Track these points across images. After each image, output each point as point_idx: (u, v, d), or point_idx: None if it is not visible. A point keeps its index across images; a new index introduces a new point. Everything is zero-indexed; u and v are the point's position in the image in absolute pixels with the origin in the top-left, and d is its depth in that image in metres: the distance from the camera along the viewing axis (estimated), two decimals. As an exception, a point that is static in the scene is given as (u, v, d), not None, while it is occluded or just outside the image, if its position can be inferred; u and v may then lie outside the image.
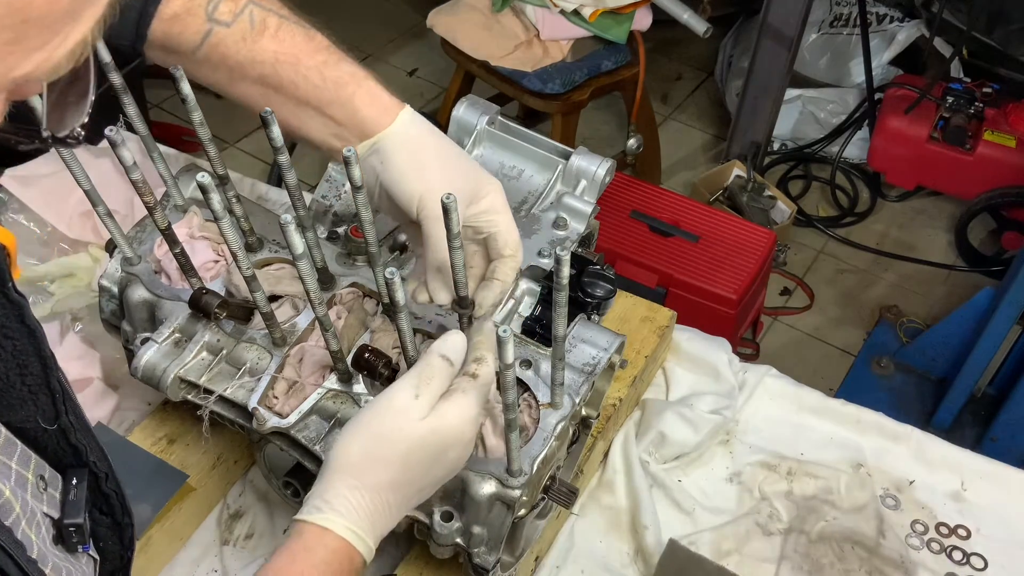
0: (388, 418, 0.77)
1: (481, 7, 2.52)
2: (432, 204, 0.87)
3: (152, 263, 1.05)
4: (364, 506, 0.75)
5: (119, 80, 0.93)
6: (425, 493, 0.81)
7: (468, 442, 0.81)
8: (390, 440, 0.77)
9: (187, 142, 2.80)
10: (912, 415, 2.41)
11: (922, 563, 1.13)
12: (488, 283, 0.93)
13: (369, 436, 0.77)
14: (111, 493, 0.71)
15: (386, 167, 0.89)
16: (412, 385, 0.78)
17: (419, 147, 0.90)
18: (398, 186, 0.88)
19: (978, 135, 2.84)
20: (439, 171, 0.89)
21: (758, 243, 2.36)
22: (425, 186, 0.87)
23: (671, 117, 3.45)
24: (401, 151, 0.89)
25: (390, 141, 0.89)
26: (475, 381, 0.81)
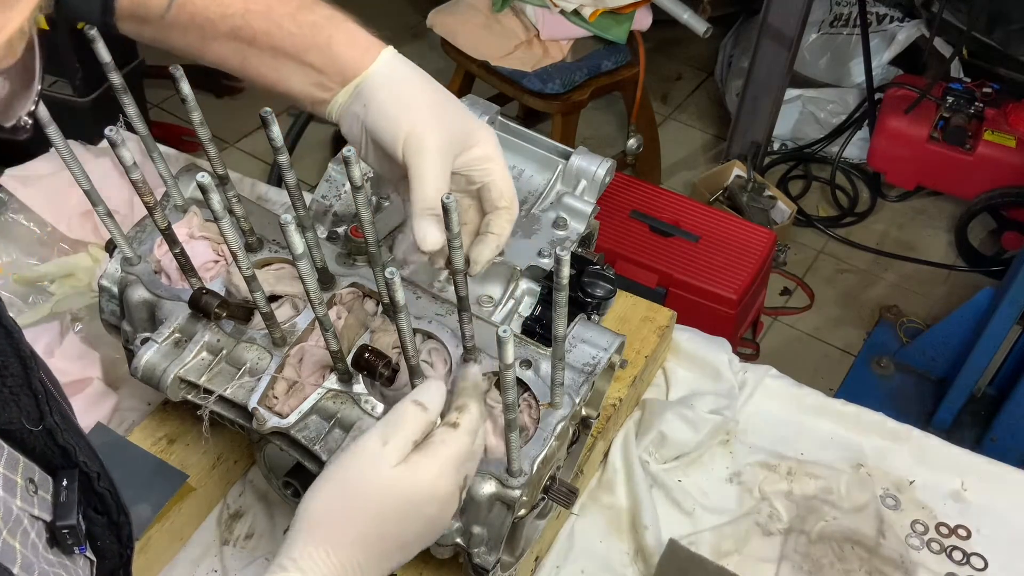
0: (354, 468, 0.72)
1: (481, 7, 2.52)
2: (418, 140, 0.81)
3: (152, 263, 1.05)
4: (332, 565, 0.69)
5: (119, 80, 0.93)
6: (407, 551, 0.76)
7: (445, 498, 0.75)
8: (356, 492, 0.72)
9: (187, 142, 2.80)
10: (912, 415, 2.41)
11: (922, 563, 1.13)
12: (483, 238, 0.87)
13: (335, 488, 0.72)
14: (104, 492, 0.69)
15: (369, 109, 0.84)
16: (379, 433, 0.73)
17: (404, 86, 0.85)
18: (382, 127, 0.83)
19: (978, 135, 2.84)
20: (427, 110, 0.83)
21: (758, 243, 2.37)
22: (411, 125, 0.82)
23: (671, 117, 3.45)
24: (384, 91, 0.84)
25: (372, 81, 0.84)
26: (455, 432, 0.75)
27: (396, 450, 0.72)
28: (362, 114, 0.85)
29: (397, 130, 0.82)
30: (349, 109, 0.86)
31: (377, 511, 0.72)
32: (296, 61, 0.86)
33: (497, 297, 1.06)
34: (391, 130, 0.83)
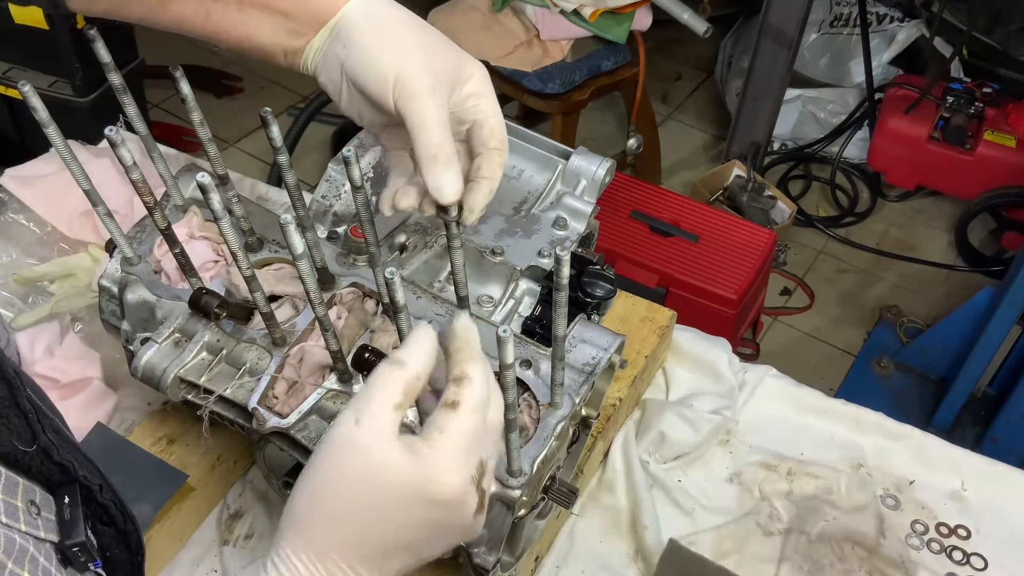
0: (330, 458, 0.62)
1: (481, 7, 2.52)
2: (410, 83, 0.74)
3: (152, 263, 1.05)
4: (312, 569, 0.61)
5: (119, 80, 0.93)
6: (417, 553, 0.65)
7: (453, 497, 0.62)
8: (333, 486, 0.61)
9: (187, 142, 2.80)
10: (912, 415, 2.41)
11: (922, 563, 1.13)
12: (474, 183, 0.79)
13: (312, 484, 0.62)
14: (108, 503, 0.66)
15: (350, 52, 0.76)
16: (351, 410, 0.62)
17: (387, 21, 0.77)
18: (367, 71, 0.75)
19: (978, 135, 2.84)
20: (415, 48, 0.76)
21: (758, 243, 2.37)
22: (400, 67, 0.74)
23: (671, 117, 3.45)
24: (365, 30, 0.76)
25: (351, 20, 0.76)
26: (454, 413, 0.63)
27: (373, 428, 0.61)
28: (343, 56, 0.77)
29: (385, 73, 0.74)
30: (328, 53, 0.78)
31: (359, 508, 0.61)
32: (262, 9, 0.78)
33: (497, 297, 1.06)
34: (378, 73, 0.75)
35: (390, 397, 0.62)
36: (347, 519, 0.62)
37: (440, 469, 0.61)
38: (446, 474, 0.62)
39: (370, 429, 0.61)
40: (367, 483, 0.61)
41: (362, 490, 0.61)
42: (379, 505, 0.61)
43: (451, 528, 0.65)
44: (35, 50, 2.34)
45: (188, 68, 0.90)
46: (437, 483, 0.61)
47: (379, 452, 0.61)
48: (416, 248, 1.06)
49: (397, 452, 0.61)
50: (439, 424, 0.62)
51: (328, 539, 0.62)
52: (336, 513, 0.61)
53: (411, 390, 0.63)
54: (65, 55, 2.30)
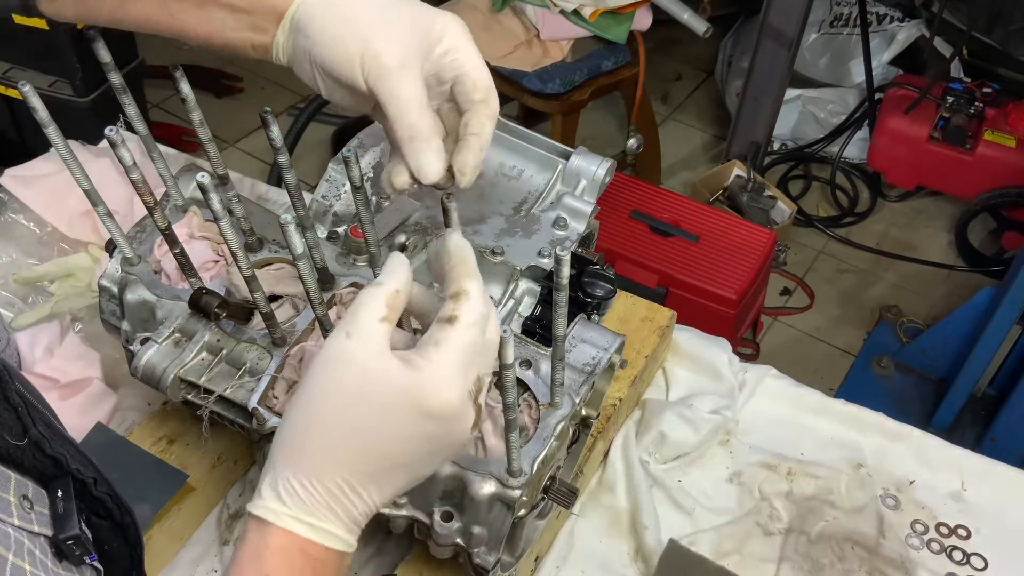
0: (321, 375, 0.62)
1: (481, 7, 2.52)
2: (375, 60, 0.71)
3: (152, 263, 1.05)
4: (315, 494, 0.62)
5: (119, 80, 0.93)
6: (412, 471, 0.66)
7: (450, 411, 0.62)
8: (327, 403, 0.62)
9: (187, 142, 2.80)
10: (912, 415, 2.41)
11: (922, 563, 1.13)
12: (463, 142, 0.76)
13: (305, 402, 0.63)
14: (104, 496, 0.66)
15: (313, 41, 0.73)
16: (340, 328, 0.62)
17: (344, 5, 0.74)
18: (331, 56, 0.73)
19: (978, 135, 2.84)
20: (376, 19, 0.72)
21: (758, 243, 2.37)
22: (363, 43, 0.72)
23: (671, 117, 3.45)
24: (322, 15, 0.73)
25: (308, 8, 0.74)
26: (452, 328, 0.62)
27: (363, 340, 0.61)
28: (307, 46, 0.75)
29: (350, 57, 0.72)
30: (295, 46, 0.76)
31: (356, 422, 0.61)
32: (222, 6, 0.76)
33: (497, 297, 1.06)
34: (343, 58, 0.72)
35: (375, 311, 0.62)
36: (344, 434, 0.61)
37: (438, 382, 0.61)
38: (443, 388, 0.61)
39: (360, 340, 0.61)
40: (363, 395, 0.61)
41: (359, 403, 0.61)
42: (376, 418, 0.61)
43: (447, 443, 0.65)
44: (35, 50, 2.34)
45: (188, 68, 0.90)
46: (435, 396, 0.61)
47: (373, 363, 0.61)
48: (416, 248, 1.06)
49: (392, 364, 0.61)
50: (436, 338, 0.62)
51: (326, 457, 0.61)
52: (333, 428, 0.61)
53: (393, 304, 0.63)
54: (65, 55, 2.30)
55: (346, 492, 0.62)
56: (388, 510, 0.93)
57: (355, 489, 0.62)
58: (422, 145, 0.72)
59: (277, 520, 0.62)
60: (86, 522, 0.65)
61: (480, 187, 1.14)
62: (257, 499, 0.63)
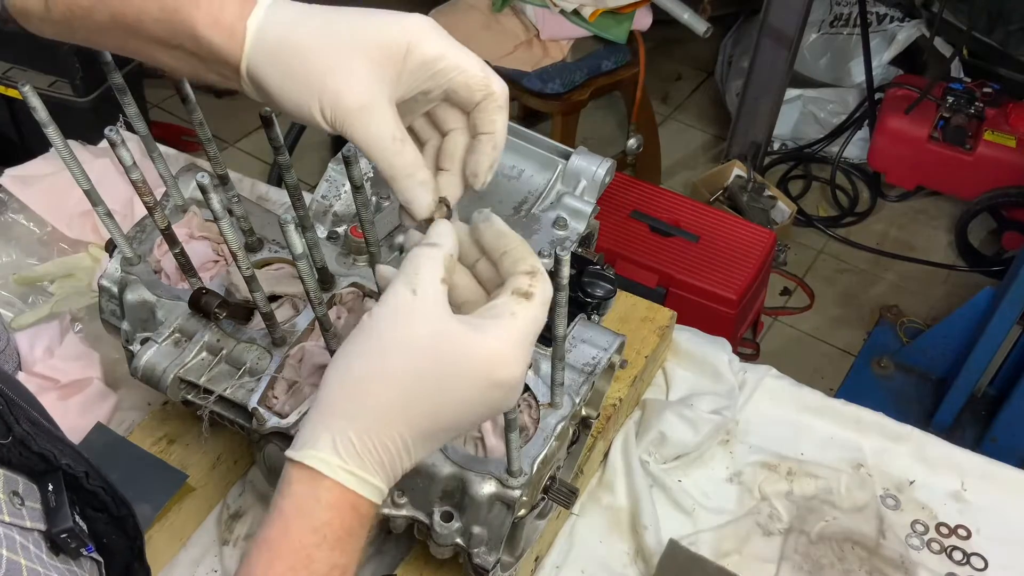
0: (387, 328, 0.61)
1: (481, 7, 2.52)
2: (336, 104, 0.65)
3: (152, 263, 1.05)
4: (369, 445, 0.61)
5: (119, 80, 0.93)
6: (454, 432, 0.66)
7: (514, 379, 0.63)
8: (393, 352, 0.61)
9: (187, 142, 2.80)
10: (912, 415, 2.41)
11: (922, 563, 1.13)
12: (475, 143, 0.71)
13: (365, 352, 0.62)
14: (97, 489, 0.66)
15: (270, 94, 0.68)
16: (401, 282, 0.62)
17: (291, 49, 0.66)
18: (291, 108, 0.67)
19: (978, 135, 2.84)
20: (329, 57, 0.66)
21: (758, 243, 2.36)
22: (319, 87, 0.65)
23: (671, 117, 3.45)
24: (270, 69, 0.66)
25: (255, 64, 0.67)
26: (530, 303, 0.63)
27: (432, 299, 0.61)
28: (266, 100, 0.69)
29: (307, 102, 0.66)
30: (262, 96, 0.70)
31: (425, 382, 0.61)
32: (175, 49, 0.69)
33: (497, 297, 1.06)
34: (302, 107, 0.66)
35: (435, 271, 0.62)
36: (412, 392, 0.61)
37: (513, 355, 0.62)
38: (514, 359, 0.62)
39: (429, 299, 0.61)
40: (436, 356, 0.61)
41: (430, 363, 0.61)
42: (446, 380, 0.61)
43: (500, 407, 0.66)
44: (35, 50, 2.34)
45: (188, 68, 0.89)
46: (509, 367, 0.62)
47: (444, 325, 0.61)
48: (416, 248, 1.05)
49: (465, 329, 0.61)
50: (513, 309, 0.63)
51: (388, 413, 0.61)
52: (400, 385, 0.61)
53: (450, 266, 0.64)
54: (65, 55, 2.30)
55: (400, 449, 0.62)
56: (388, 510, 0.93)
57: (408, 447, 0.62)
58: (404, 183, 0.68)
59: (332, 473, 0.61)
60: (81, 515, 0.65)
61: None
62: (307, 448, 0.62)
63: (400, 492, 0.92)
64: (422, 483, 0.90)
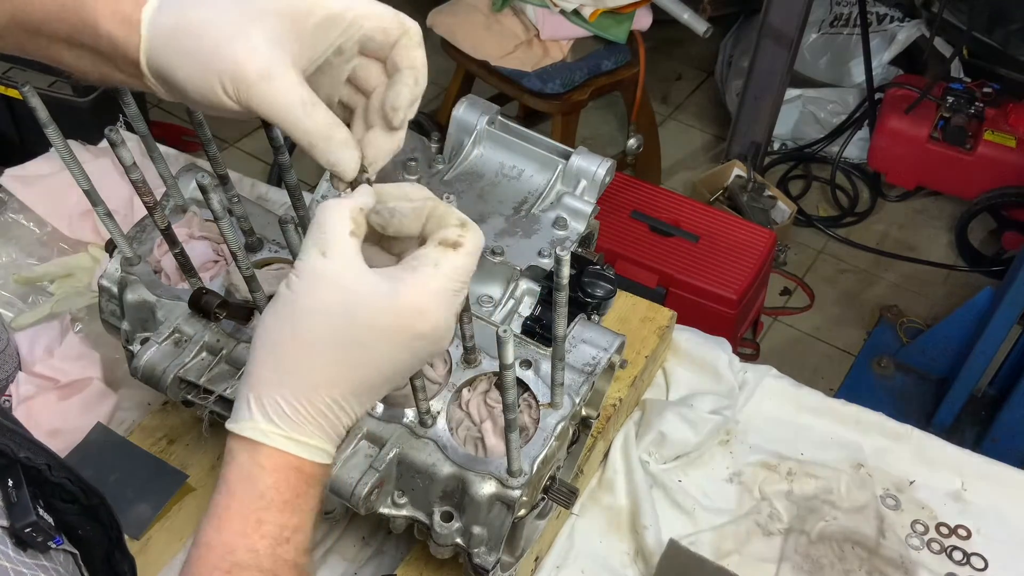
0: (304, 294, 0.61)
1: (481, 7, 2.52)
2: (237, 74, 0.61)
3: (152, 263, 1.05)
4: (300, 409, 0.62)
5: (119, 80, 0.93)
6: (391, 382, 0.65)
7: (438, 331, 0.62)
8: (311, 319, 0.61)
9: (187, 142, 2.80)
10: (912, 415, 2.41)
11: (922, 563, 1.13)
12: (396, 77, 0.66)
13: (284, 317, 0.62)
14: (63, 480, 0.65)
15: (174, 83, 0.64)
16: (309, 245, 0.61)
17: (186, 29, 0.62)
18: (196, 93, 0.63)
19: (978, 135, 2.84)
20: (224, 27, 0.62)
21: (758, 243, 2.36)
22: (216, 60, 0.61)
23: (671, 117, 3.45)
24: (169, 53, 0.63)
25: (154, 55, 0.63)
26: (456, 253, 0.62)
27: (342, 257, 0.60)
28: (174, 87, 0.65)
29: (207, 80, 0.62)
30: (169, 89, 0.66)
31: (345, 343, 0.61)
32: (79, 47, 0.66)
33: (497, 297, 1.06)
34: (203, 86, 0.62)
35: (342, 225, 0.61)
36: (333, 354, 0.61)
37: (429, 304, 0.61)
38: (434, 309, 0.61)
39: (339, 259, 0.60)
40: (351, 315, 0.60)
41: (347, 323, 0.60)
42: (366, 338, 0.61)
43: (430, 355, 0.65)
44: (35, 50, 2.34)
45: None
46: (430, 318, 0.61)
47: (357, 284, 0.60)
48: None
49: (379, 283, 0.61)
50: (435, 259, 0.62)
51: (313, 377, 0.61)
52: (321, 349, 0.61)
53: (358, 218, 0.62)
54: (65, 55, 2.30)
55: (334, 409, 0.63)
56: (388, 510, 0.93)
57: (342, 406, 0.63)
58: (323, 146, 0.64)
59: (268, 440, 0.61)
60: (48, 508, 0.64)
61: (480, 187, 1.14)
62: (242, 420, 0.63)
63: (400, 492, 0.92)
64: (422, 483, 0.91)
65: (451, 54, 2.60)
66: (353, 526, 1.13)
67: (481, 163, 1.16)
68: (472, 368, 0.94)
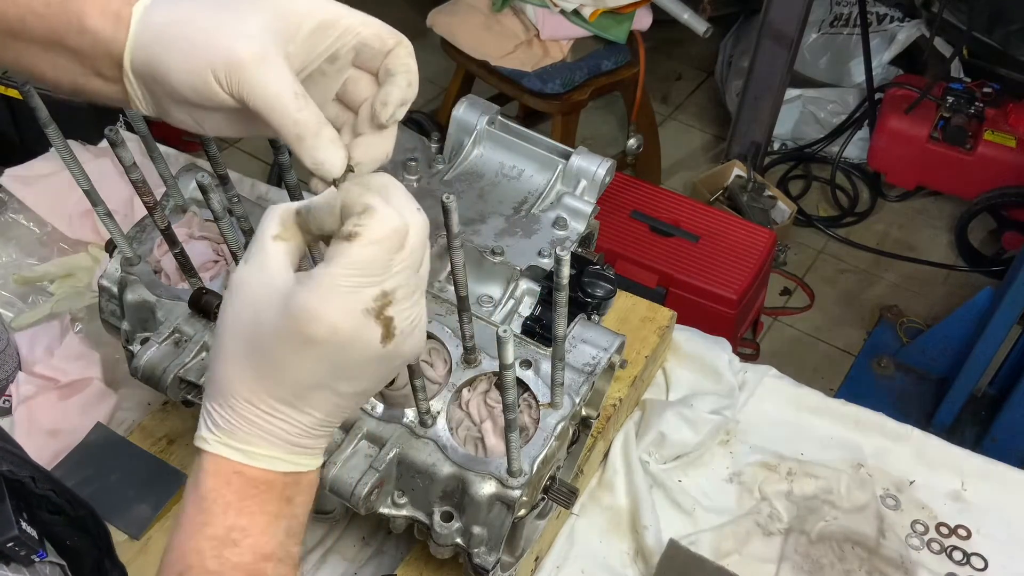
0: (226, 303, 0.62)
1: (481, 7, 2.52)
2: (230, 59, 0.60)
3: (152, 263, 1.05)
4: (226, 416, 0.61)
5: (119, 80, 0.92)
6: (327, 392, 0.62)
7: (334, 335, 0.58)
8: (228, 327, 0.61)
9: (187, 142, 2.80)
10: (912, 415, 2.41)
11: (922, 563, 1.13)
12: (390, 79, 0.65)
13: (217, 329, 0.62)
14: (47, 493, 0.65)
15: (164, 77, 0.62)
16: (244, 254, 0.62)
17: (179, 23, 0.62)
18: (186, 86, 0.61)
19: (978, 135, 2.84)
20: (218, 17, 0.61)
21: (758, 243, 2.37)
22: (210, 48, 0.60)
23: (671, 117, 3.45)
24: (158, 48, 0.62)
25: (141, 51, 0.62)
26: (350, 245, 0.58)
27: (255, 263, 0.60)
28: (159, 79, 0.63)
29: (199, 68, 0.61)
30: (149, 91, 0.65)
31: (249, 348, 0.60)
32: (62, 50, 0.65)
33: (497, 297, 1.06)
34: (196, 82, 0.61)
35: (267, 230, 0.60)
36: (241, 361, 0.61)
37: (317, 304, 0.57)
38: (325, 310, 0.57)
39: (253, 264, 0.60)
40: (254, 321, 0.60)
41: (250, 328, 0.60)
42: (267, 343, 0.60)
43: (355, 363, 0.61)
44: (35, 50, 2.33)
45: (189, 67, 0.89)
46: (315, 320, 0.57)
47: (262, 289, 0.60)
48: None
49: (282, 288, 0.59)
50: (328, 256, 0.59)
51: (230, 384, 0.61)
52: (232, 356, 0.61)
53: (288, 220, 0.61)
54: (65, 55, 2.29)
55: (258, 415, 0.61)
56: (388, 510, 0.93)
57: (267, 411, 0.61)
58: (311, 142, 0.62)
59: (207, 447, 0.62)
60: (33, 520, 0.64)
61: (480, 187, 1.14)
62: (197, 430, 0.64)
63: (400, 492, 0.92)
64: (422, 483, 0.91)
65: (451, 54, 2.60)
66: (353, 526, 1.13)
67: (481, 163, 1.16)
68: (472, 368, 0.94)
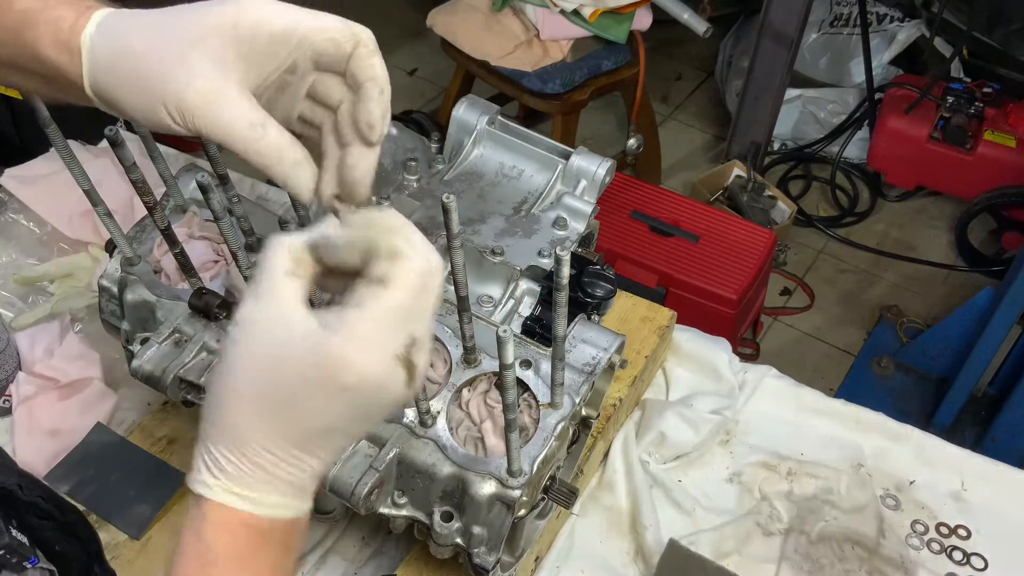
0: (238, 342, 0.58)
1: (481, 7, 2.52)
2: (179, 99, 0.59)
3: (152, 263, 1.05)
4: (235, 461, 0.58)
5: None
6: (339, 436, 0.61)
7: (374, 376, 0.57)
8: (242, 367, 0.58)
9: (187, 142, 2.80)
10: (912, 415, 2.41)
11: (922, 563, 1.13)
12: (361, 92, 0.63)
13: (224, 368, 0.59)
14: (35, 500, 0.64)
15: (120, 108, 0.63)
16: (250, 291, 0.59)
17: (124, 57, 0.61)
18: (142, 118, 0.62)
19: (978, 135, 2.84)
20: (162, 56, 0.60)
21: (758, 243, 2.37)
22: (160, 88, 0.60)
23: (671, 117, 3.45)
24: (110, 80, 0.62)
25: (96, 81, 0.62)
26: (385, 290, 0.56)
27: (269, 302, 0.57)
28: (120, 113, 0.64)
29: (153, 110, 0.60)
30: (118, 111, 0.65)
31: (271, 392, 0.57)
32: (24, 71, 0.65)
33: (497, 297, 1.06)
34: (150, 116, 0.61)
35: (279, 266, 0.57)
36: (260, 405, 0.57)
37: (353, 352, 0.56)
38: (360, 359, 0.56)
39: (267, 303, 0.57)
40: (276, 364, 0.57)
41: (272, 372, 0.57)
42: (292, 388, 0.57)
43: (377, 406, 0.60)
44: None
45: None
46: (349, 368, 0.56)
47: (281, 330, 0.57)
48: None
49: (304, 329, 0.56)
50: (359, 300, 0.56)
51: (245, 428, 0.58)
52: (248, 399, 0.57)
53: (301, 255, 0.59)
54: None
55: (273, 461, 0.59)
56: (388, 510, 0.93)
57: (283, 457, 0.59)
58: (277, 169, 0.61)
59: (211, 494, 0.59)
60: (22, 527, 0.63)
61: (480, 187, 1.14)
62: (193, 472, 0.60)
63: (400, 492, 0.92)
64: (422, 483, 0.91)
65: (451, 54, 2.60)
66: (353, 526, 1.13)
67: (481, 163, 1.16)
68: (472, 368, 0.94)
